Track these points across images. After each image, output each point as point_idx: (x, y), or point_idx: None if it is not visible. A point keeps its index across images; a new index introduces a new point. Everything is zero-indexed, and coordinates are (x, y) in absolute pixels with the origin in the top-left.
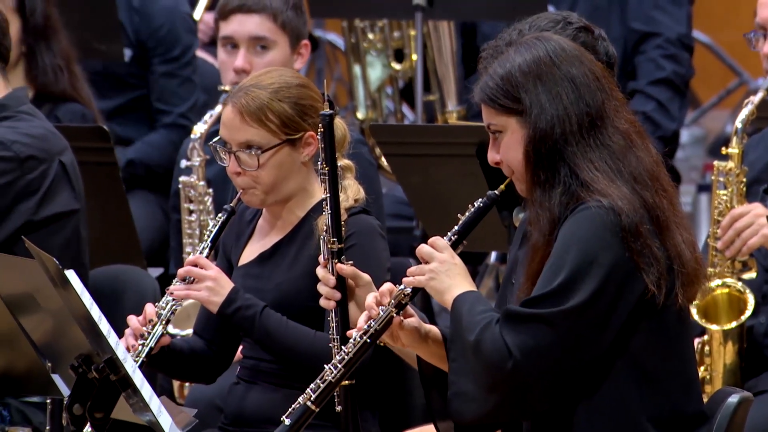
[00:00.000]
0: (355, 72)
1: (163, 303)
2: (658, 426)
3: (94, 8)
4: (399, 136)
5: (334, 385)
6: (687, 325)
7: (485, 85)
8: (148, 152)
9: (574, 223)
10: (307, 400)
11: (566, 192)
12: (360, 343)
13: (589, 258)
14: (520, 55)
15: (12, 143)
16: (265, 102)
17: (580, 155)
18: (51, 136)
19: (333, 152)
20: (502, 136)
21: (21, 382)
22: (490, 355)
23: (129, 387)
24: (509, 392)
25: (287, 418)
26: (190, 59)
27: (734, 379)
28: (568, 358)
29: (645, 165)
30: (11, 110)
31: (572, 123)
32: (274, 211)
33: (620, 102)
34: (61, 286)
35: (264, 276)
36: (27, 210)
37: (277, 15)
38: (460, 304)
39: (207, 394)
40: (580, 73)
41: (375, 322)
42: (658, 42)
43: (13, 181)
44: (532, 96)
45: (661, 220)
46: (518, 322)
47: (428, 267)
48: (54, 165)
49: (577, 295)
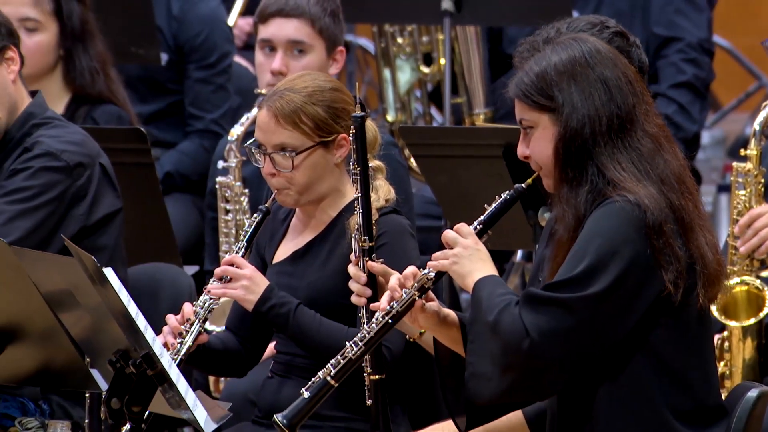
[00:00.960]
0: (384, 76)
1: (201, 302)
2: (679, 418)
3: (132, 13)
4: (428, 137)
5: (354, 362)
6: (707, 323)
7: (520, 81)
8: (183, 162)
9: (600, 216)
10: (327, 375)
11: (593, 190)
12: (382, 323)
13: (612, 249)
14: (557, 54)
15: (61, 153)
16: (299, 105)
17: (608, 155)
18: (88, 141)
19: (364, 153)
20: (533, 131)
21: (61, 377)
22: (507, 335)
23: (165, 381)
24: (524, 372)
25: (306, 391)
26: (225, 67)
27: (753, 374)
28: (584, 343)
29: (672, 168)
30: (40, 117)
31: (602, 124)
32: (307, 210)
33: (650, 106)
34: (100, 283)
35: (297, 274)
36: (80, 216)
37: (315, 20)
38: (480, 287)
39: (241, 388)
40: (613, 76)
41: (398, 304)
42: (680, 46)
43: (66, 190)
44: (565, 95)
45: (685, 222)
46: (538, 304)
47: (452, 252)
48: (96, 168)
49: (597, 284)
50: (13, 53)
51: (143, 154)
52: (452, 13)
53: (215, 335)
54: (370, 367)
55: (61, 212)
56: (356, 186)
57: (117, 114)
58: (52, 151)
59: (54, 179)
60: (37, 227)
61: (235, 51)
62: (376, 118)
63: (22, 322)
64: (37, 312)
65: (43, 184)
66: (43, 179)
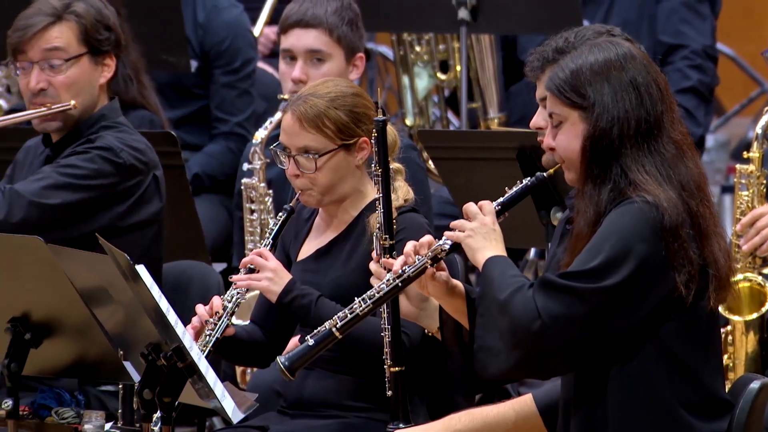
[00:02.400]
0: (403, 82)
1: (229, 296)
2: (687, 409)
3: (163, 22)
4: (445, 140)
5: (360, 317)
6: (716, 321)
7: (555, 76)
8: (210, 163)
9: (618, 214)
10: (333, 326)
11: (615, 189)
12: (392, 285)
13: (627, 247)
14: (593, 54)
15: (120, 151)
16: (323, 110)
17: (633, 158)
18: (149, 152)
19: (386, 154)
20: (562, 125)
21: (95, 369)
22: (518, 315)
23: (195, 373)
24: (531, 352)
25: (311, 339)
26: (249, 73)
27: (755, 366)
28: (590, 331)
29: (693, 175)
30: (111, 120)
31: (631, 127)
32: (329, 210)
33: (676, 114)
34: (132, 280)
35: (321, 270)
36: (116, 214)
37: (332, 30)
38: (492, 264)
39: (267, 379)
40: (645, 82)
41: (410, 269)
42: (685, 53)
43: (113, 184)
44: (597, 95)
45: (702, 228)
46: (552, 290)
47: (470, 225)
48: (149, 178)
49: (610, 278)
50: (111, 62)
51: (174, 156)
52: (468, 22)
53: (242, 327)
54: (391, 360)
55: (101, 203)
56: (377, 186)
57: (149, 119)
58: (112, 147)
59: (106, 170)
60: (73, 204)
61: (260, 57)
62: (396, 122)
63: (58, 316)
64: (72, 307)
65: (95, 169)
66: (96, 165)
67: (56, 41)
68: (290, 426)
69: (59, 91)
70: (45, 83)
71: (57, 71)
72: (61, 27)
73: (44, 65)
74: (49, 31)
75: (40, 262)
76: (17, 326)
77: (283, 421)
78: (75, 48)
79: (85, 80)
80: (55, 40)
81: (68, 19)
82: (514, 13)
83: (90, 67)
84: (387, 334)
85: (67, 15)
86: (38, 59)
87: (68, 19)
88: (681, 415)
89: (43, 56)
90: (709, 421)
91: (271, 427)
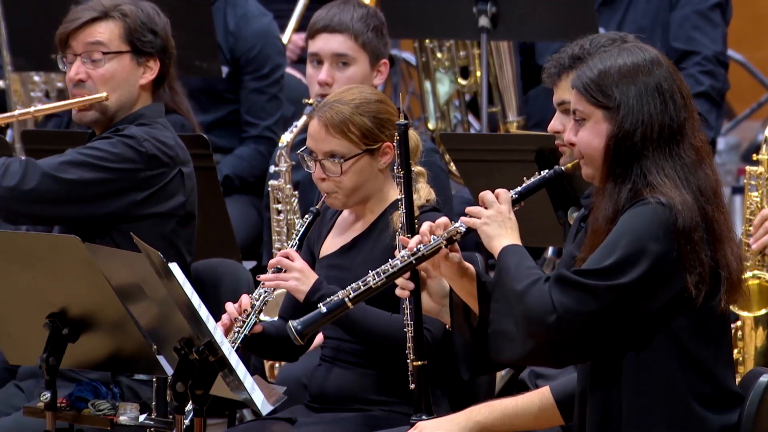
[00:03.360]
0: (425, 87)
1: (257, 295)
2: (699, 402)
3: (195, 30)
4: (466, 143)
5: (373, 290)
6: (727, 321)
7: (583, 74)
8: (240, 165)
9: (633, 215)
10: (345, 296)
11: (633, 188)
12: (406, 261)
13: (640, 247)
14: (622, 57)
15: (143, 140)
16: (348, 116)
17: (653, 160)
18: (178, 148)
19: (407, 156)
20: (585, 122)
21: (130, 363)
22: (534, 307)
23: (226, 367)
24: (546, 342)
25: (324, 307)
26: (278, 78)
27: (764, 361)
28: (603, 326)
29: (710, 182)
30: (148, 119)
31: (654, 131)
32: (353, 210)
33: (697, 122)
34: (165, 277)
35: (345, 266)
36: (132, 201)
37: (358, 35)
38: (508, 253)
39: (295, 373)
40: (669, 88)
41: (425, 247)
42: (697, 59)
43: (133, 171)
44: (623, 96)
45: (716, 233)
46: (568, 286)
47: (486, 212)
48: (173, 172)
49: (623, 277)
50: (154, 65)
51: (206, 159)
52: (489, 30)
53: (270, 323)
54: (413, 354)
55: (118, 187)
56: (400, 188)
57: (181, 123)
58: (136, 135)
59: (127, 155)
60: (88, 182)
61: (288, 63)
62: (419, 125)
63: (95, 312)
64: (108, 303)
65: (116, 153)
66: (117, 150)
67: (99, 36)
68: (317, 418)
69: (96, 84)
70: (84, 75)
71: (96, 65)
72: (106, 23)
73: (86, 58)
74: (93, 25)
75: (77, 260)
76: (55, 322)
77: (310, 414)
78: (117, 44)
79: (124, 77)
80: (98, 35)
81: (114, 17)
82: (533, 21)
83: (131, 66)
84: (410, 330)
85: (113, 13)
86: (81, 52)
87: (114, 17)
88: (693, 406)
89: (85, 49)
90: (720, 413)
91: (298, 419)
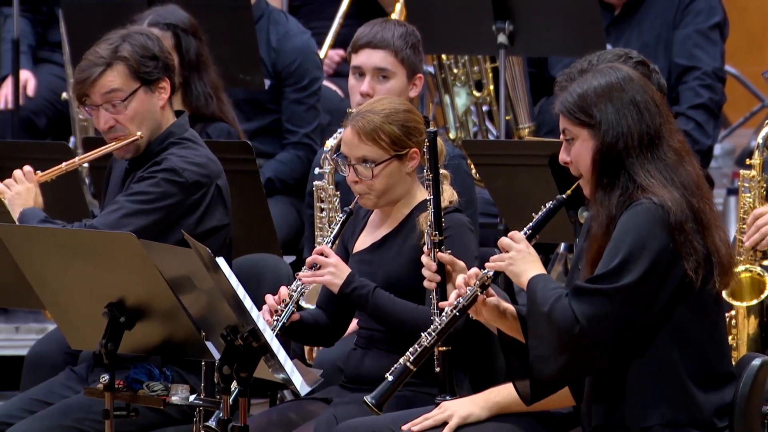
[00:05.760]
0: (445, 101)
1: (294, 287)
2: (696, 382)
3: (240, 46)
4: (486, 149)
5: (429, 349)
6: (721, 304)
7: (565, 100)
8: (281, 169)
9: (631, 216)
10: (407, 362)
11: (624, 194)
12: (451, 316)
13: (641, 244)
14: (596, 79)
15: (183, 171)
16: (378, 125)
17: (638, 165)
18: (211, 164)
19: (436, 161)
20: (574, 142)
21: (181, 348)
22: (560, 322)
23: (268, 352)
24: (576, 352)
25: (390, 375)
26: (315, 90)
27: (756, 346)
28: (623, 324)
29: (692, 177)
30: (177, 137)
31: (634, 139)
32: (384, 209)
33: (674, 125)
34: (213, 271)
35: (375, 262)
36: (188, 226)
37: (398, 51)
38: (534, 284)
39: (331, 357)
40: (643, 100)
41: (463, 299)
42: (697, 74)
43: (180, 202)
44: (602, 114)
45: (704, 222)
46: (583, 295)
47: (508, 255)
48: (212, 188)
49: (630, 275)
50: (165, 84)
51: (249, 163)
52: (506, 46)
53: (308, 312)
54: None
55: (172, 220)
56: (428, 189)
57: (227, 130)
58: (175, 167)
59: (171, 191)
60: (148, 227)
61: (324, 76)
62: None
63: (149, 302)
64: (161, 294)
65: (162, 192)
66: (162, 188)
67: (111, 84)
68: (350, 398)
69: (126, 125)
70: (112, 121)
71: (119, 110)
72: (112, 72)
73: (107, 106)
74: (103, 77)
75: (133, 255)
76: (113, 311)
77: (344, 394)
78: (129, 85)
79: (146, 109)
80: (110, 84)
81: (117, 63)
82: (546, 38)
83: (147, 97)
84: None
85: (114, 61)
86: (101, 102)
87: (117, 63)
88: (689, 387)
89: (104, 99)
90: (715, 392)
91: (333, 398)
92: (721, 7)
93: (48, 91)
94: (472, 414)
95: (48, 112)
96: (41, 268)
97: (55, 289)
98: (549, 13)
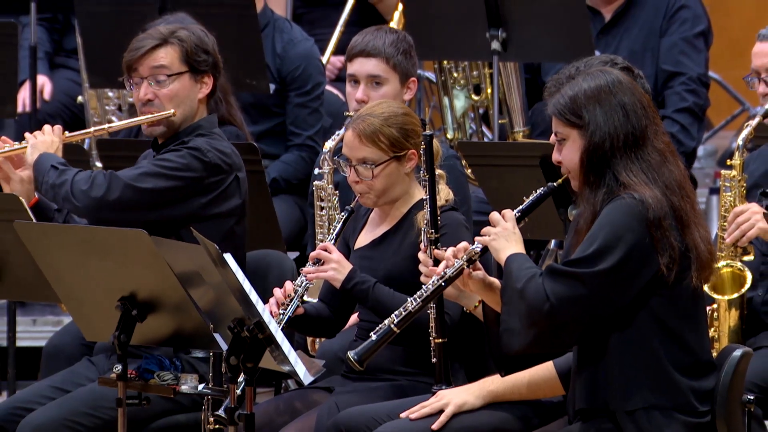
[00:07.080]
0: (444, 103)
1: (299, 282)
2: (677, 369)
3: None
4: (481, 150)
5: (413, 314)
6: (700, 297)
7: (557, 102)
8: (285, 170)
9: (610, 209)
10: (391, 323)
11: (608, 192)
12: (437, 285)
13: (617, 236)
14: (587, 82)
15: (207, 151)
16: (378, 127)
17: (623, 165)
18: (234, 156)
19: (432, 163)
20: (565, 142)
21: (190, 340)
22: (532, 299)
23: (273, 343)
24: (545, 329)
25: (374, 335)
26: (319, 94)
27: (737, 338)
28: (592, 308)
29: (675, 176)
30: (205, 129)
31: (620, 140)
32: (383, 208)
33: (659, 127)
34: (221, 266)
35: (375, 258)
36: (198, 204)
37: (389, 58)
38: (511, 261)
39: (333, 348)
40: (630, 102)
41: (450, 270)
42: (683, 80)
43: (200, 179)
44: (591, 115)
45: (684, 220)
46: (557, 276)
47: (494, 230)
48: (231, 177)
49: (604, 262)
50: (208, 80)
51: (255, 164)
52: (500, 52)
53: (311, 305)
54: (435, 332)
55: (186, 193)
56: (425, 189)
57: (235, 133)
58: (201, 147)
59: (193, 165)
60: (162, 191)
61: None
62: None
63: (160, 296)
64: (171, 288)
65: (184, 164)
66: (186, 161)
67: (161, 60)
68: (351, 387)
69: (163, 102)
70: (152, 95)
71: (162, 85)
72: (166, 48)
73: (151, 80)
74: (156, 51)
75: (144, 251)
76: (125, 304)
77: (346, 384)
78: (177, 66)
79: (186, 94)
80: (160, 59)
81: (172, 43)
82: (538, 45)
83: (190, 83)
84: (432, 312)
85: (171, 39)
86: (146, 75)
87: (172, 43)
88: (671, 373)
89: (150, 72)
90: (696, 379)
91: (335, 387)
92: (705, 16)
93: (64, 95)
94: (467, 402)
95: (64, 115)
96: (57, 264)
97: (71, 283)
98: (540, 21)
